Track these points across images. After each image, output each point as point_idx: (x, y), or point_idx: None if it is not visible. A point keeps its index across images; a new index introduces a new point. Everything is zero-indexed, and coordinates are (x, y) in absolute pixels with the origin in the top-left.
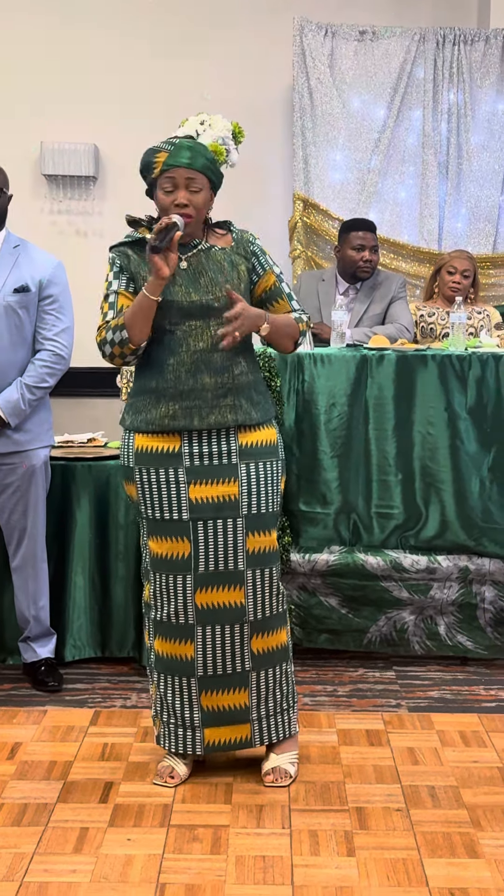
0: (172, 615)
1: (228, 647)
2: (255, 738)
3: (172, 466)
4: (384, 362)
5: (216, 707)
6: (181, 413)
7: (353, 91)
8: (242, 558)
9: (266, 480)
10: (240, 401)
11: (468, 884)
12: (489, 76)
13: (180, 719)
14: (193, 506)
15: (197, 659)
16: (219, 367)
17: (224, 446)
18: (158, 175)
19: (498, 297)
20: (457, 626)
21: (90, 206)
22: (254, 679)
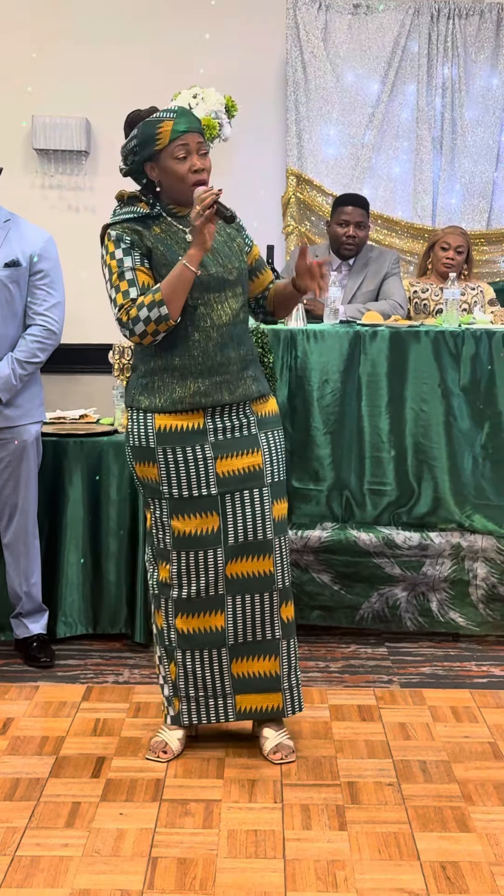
0: (202, 590)
1: (258, 615)
2: (288, 708)
3: (198, 444)
4: (377, 339)
5: (247, 674)
6: (212, 388)
7: (346, 65)
8: (270, 526)
9: (279, 448)
10: (256, 372)
11: (459, 857)
12: (484, 50)
13: (211, 690)
14: (221, 480)
15: (228, 628)
16: (240, 339)
17: (244, 418)
18: (167, 144)
19: (492, 273)
20: (449, 603)
21: (82, 180)
22: (284, 648)
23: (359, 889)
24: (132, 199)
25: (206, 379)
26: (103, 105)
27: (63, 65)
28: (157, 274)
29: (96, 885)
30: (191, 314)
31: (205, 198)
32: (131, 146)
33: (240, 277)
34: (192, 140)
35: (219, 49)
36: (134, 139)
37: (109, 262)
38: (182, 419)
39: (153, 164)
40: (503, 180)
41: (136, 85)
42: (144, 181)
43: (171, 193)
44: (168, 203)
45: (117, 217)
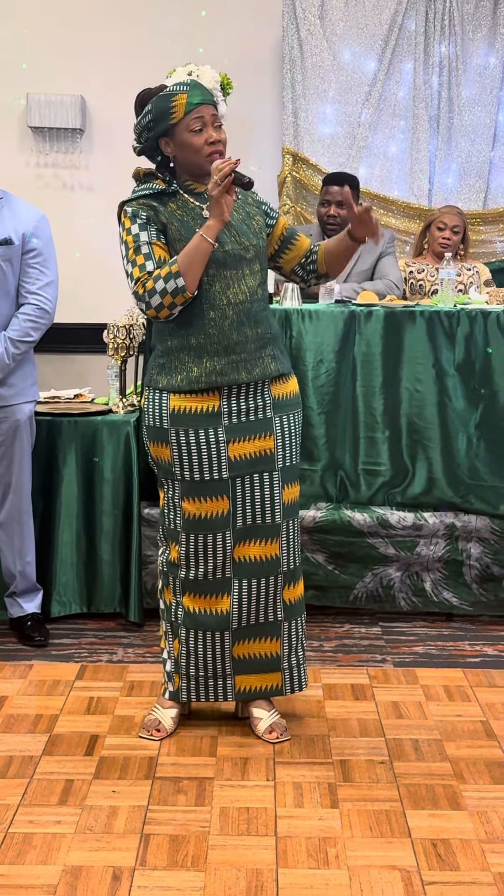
0: (210, 573)
1: (263, 598)
2: (286, 687)
3: (212, 426)
4: (372, 319)
5: (248, 655)
6: (229, 368)
7: (343, 43)
8: (279, 511)
9: (295, 432)
10: (276, 350)
11: (450, 835)
12: (481, 29)
13: (211, 671)
14: (232, 464)
15: (233, 612)
16: (258, 317)
17: (259, 400)
18: (182, 117)
19: (488, 253)
20: (443, 583)
21: (77, 159)
22: (285, 629)
23: (350, 866)
24: (148, 175)
25: (222, 358)
26: (99, 83)
27: (58, 42)
28: (173, 249)
29: (89, 862)
30: (206, 292)
31: (222, 167)
32: (145, 122)
33: (257, 255)
34: (207, 112)
35: (215, 26)
36: (148, 114)
37: (126, 238)
38: (197, 401)
39: (168, 140)
40: (500, 160)
41: (132, 63)
42: (159, 158)
43: (187, 167)
44: (184, 178)
45: (134, 194)
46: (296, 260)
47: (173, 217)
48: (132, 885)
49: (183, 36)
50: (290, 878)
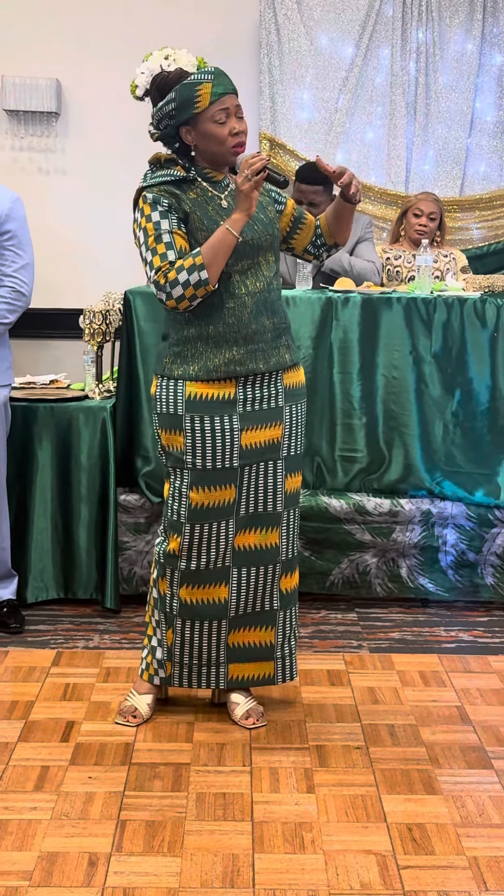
0: (211, 562)
1: (261, 587)
2: (278, 676)
3: (227, 414)
4: (349, 305)
5: (243, 643)
6: (246, 357)
7: (320, 28)
8: (281, 500)
9: (301, 422)
10: (289, 340)
11: (425, 819)
12: (458, 15)
13: (206, 659)
14: (244, 452)
15: (231, 600)
16: (275, 307)
17: (273, 389)
18: (207, 106)
19: (464, 240)
20: (418, 569)
21: (52, 142)
22: (281, 618)
23: (326, 851)
24: (169, 161)
25: (240, 348)
26: (74, 66)
27: (34, 24)
28: (193, 239)
29: (65, 848)
30: (225, 282)
31: (254, 163)
32: (168, 110)
33: (273, 245)
34: (231, 102)
35: (191, 10)
36: (172, 102)
37: (145, 225)
38: (213, 388)
39: (190, 128)
40: (477, 147)
41: (108, 46)
42: (177, 145)
43: (208, 157)
44: (202, 167)
45: (153, 179)
46: (307, 239)
47: (195, 206)
48: (108, 870)
49: (159, 20)
50: (267, 862)
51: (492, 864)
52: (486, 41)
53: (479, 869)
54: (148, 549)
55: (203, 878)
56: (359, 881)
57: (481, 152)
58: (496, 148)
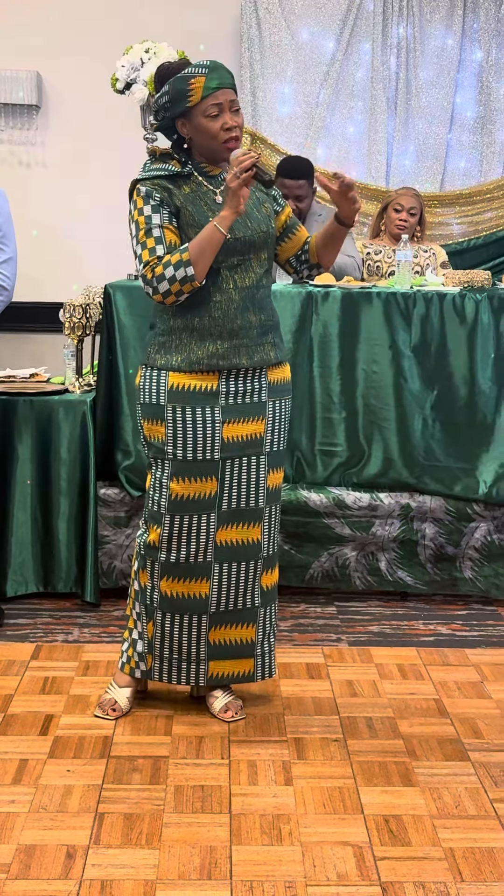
0: (192, 555)
1: (242, 583)
2: (258, 673)
3: (209, 405)
4: (329, 299)
5: (223, 641)
6: (230, 352)
7: (301, 22)
8: (263, 495)
9: (286, 417)
10: (276, 338)
11: (402, 811)
12: (439, 10)
13: (185, 654)
14: (225, 445)
15: (211, 596)
16: (262, 304)
17: (257, 384)
18: (199, 101)
19: (444, 235)
20: (397, 563)
21: (33, 135)
22: (261, 615)
23: (303, 842)
24: (164, 155)
25: (224, 342)
26: (55, 59)
27: (14, 17)
28: (184, 234)
29: (42, 841)
30: (214, 276)
31: (243, 160)
32: (162, 102)
33: (266, 242)
34: (225, 97)
35: (173, 4)
36: (165, 95)
37: (137, 218)
38: (196, 379)
39: (184, 121)
40: (457, 142)
41: (89, 39)
42: (175, 137)
43: (203, 151)
44: (200, 161)
45: (147, 173)
46: (292, 251)
47: (188, 201)
48: (86, 863)
49: (141, 13)
50: (244, 854)
51: (467, 856)
52: (467, 36)
53: (455, 860)
54: (128, 542)
55: (181, 871)
56: (335, 872)
57: (461, 148)
58: (476, 143)
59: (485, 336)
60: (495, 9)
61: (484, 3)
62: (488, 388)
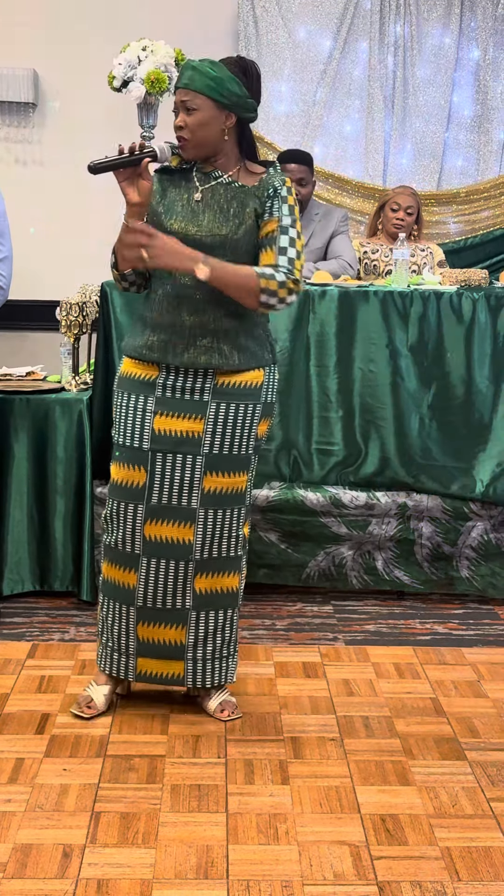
0: (120, 542)
1: (171, 582)
2: (188, 679)
3: (144, 394)
4: (326, 298)
5: (152, 639)
6: (158, 345)
7: (298, 21)
8: (197, 496)
9: (237, 422)
10: (219, 344)
11: (399, 810)
12: (436, 9)
13: (117, 644)
14: (155, 436)
15: (138, 589)
16: (200, 306)
17: (199, 383)
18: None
19: (441, 234)
20: (394, 562)
21: (29, 133)
22: (193, 618)
23: (300, 841)
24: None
25: (158, 335)
26: (52, 56)
27: (10, 15)
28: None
29: (39, 840)
30: (163, 270)
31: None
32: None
33: (222, 244)
34: (180, 97)
35: (170, 2)
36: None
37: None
38: (140, 368)
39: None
40: (454, 141)
41: (86, 37)
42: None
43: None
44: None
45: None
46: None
47: (164, 195)
48: (82, 862)
49: (137, 11)
50: (241, 854)
51: (464, 855)
52: (464, 35)
53: (452, 859)
54: None
55: (177, 870)
56: (332, 872)
57: (458, 146)
58: (473, 142)
59: (482, 335)
60: (493, 8)
61: (481, 2)
62: (485, 386)
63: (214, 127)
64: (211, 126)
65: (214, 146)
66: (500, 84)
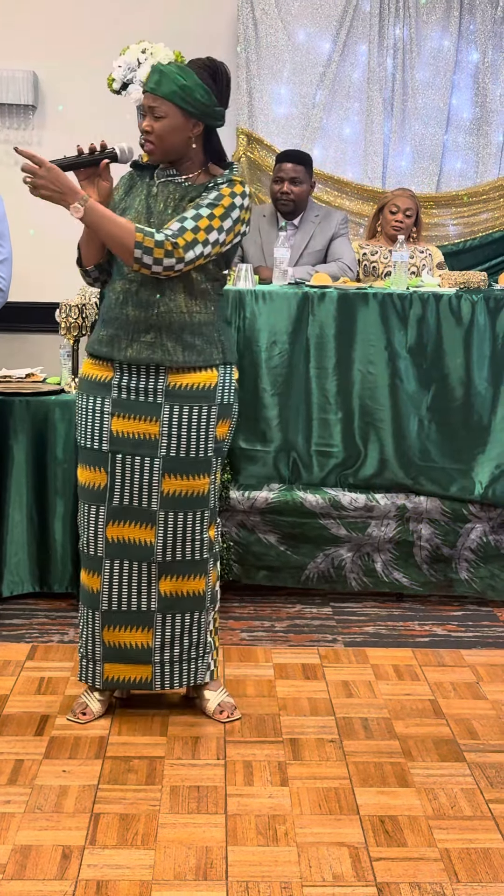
0: (86, 545)
1: (135, 584)
2: (156, 682)
3: (101, 395)
4: (326, 300)
5: (118, 644)
6: (107, 340)
7: (298, 23)
8: (156, 498)
9: (193, 425)
10: (163, 340)
11: (398, 812)
12: (435, 12)
13: (85, 650)
14: (114, 438)
15: (102, 592)
16: (143, 301)
17: (151, 384)
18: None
19: (440, 236)
20: (393, 563)
21: (29, 135)
22: (159, 620)
23: (299, 843)
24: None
25: (107, 330)
26: (51, 59)
27: (11, 17)
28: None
29: (38, 841)
30: (116, 266)
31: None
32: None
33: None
34: (146, 101)
35: (169, 4)
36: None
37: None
38: (97, 369)
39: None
40: (453, 143)
41: (85, 39)
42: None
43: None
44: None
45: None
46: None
47: (129, 190)
48: (82, 863)
49: (138, 13)
50: (240, 855)
51: (463, 856)
52: (463, 38)
53: (451, 861)
54: None
55: (176, 871)
56: (331, 873)
57: (458, 149)
58: (472, 145)
59: (481, 337)
60: (492, 10)
61: (480, 5)
62: (484, 389)
63: (181, 135)
64: (177, 134)
65: (180, 152)
66: (499, 87)
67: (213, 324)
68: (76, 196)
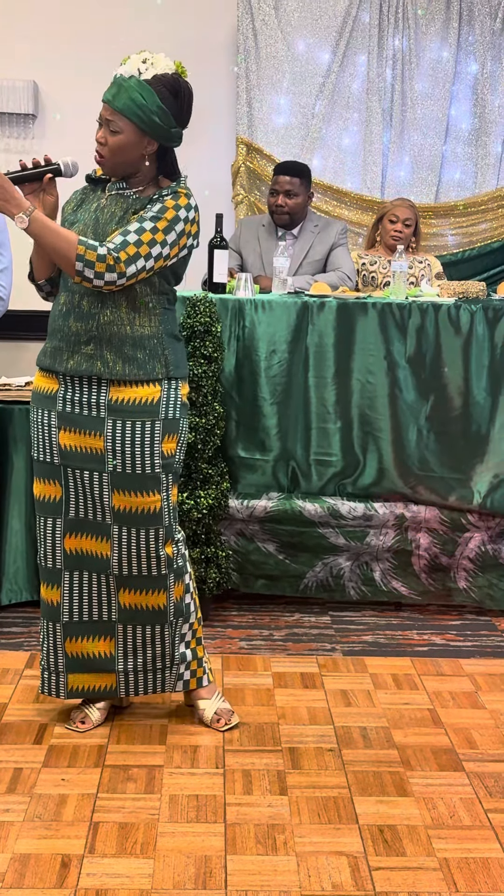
0: (43, 557)
1: (95, 594)
2: (121, 689)
3: (48, 408)
4: (325, 309)
5: (80, 653)
6: (51, 352)
7: (298, 34)
8: (109, 513)
9: (137, 441)
10: (103, 352)
11: (397, 821)
12: (434, 23)
13: (46, 662)
14: (63, 451)
15: (63, 604)
16: (85, 312)
17: (94, 398)
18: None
19: (439, 246)
20: (392, 572)
21: (29, 144)
22: (120, 630)
23: (298, 852)
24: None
25: (52, 342)
26: (52, 68)
27: (10, 26)
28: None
29: (37, 850)
30: (64, 278)
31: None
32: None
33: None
34: (103, 112)
35: (170, 14)
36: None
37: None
38: (43, 381)
39: None
40: (452, 154)
41: (86, 49)
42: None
43: None
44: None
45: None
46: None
47: (81, 203)
48: (81, 872)
49: (138, 23)
50: (239, 864)
51: (462, 866)
52: (462, 49)
53: (450, 870)
54: None
55: (175, 880)
56: (330, 882)
57: (456, 159)
58: (471, 155)
59: (479, 347)
60: (490, 22)
61: (479, 16)
62: (483, 398)
63: (134, 152)
64: (130, 151)
65: (131, 168)
66: (497, 97)
67: (158, 337)
68: (21, 207)
